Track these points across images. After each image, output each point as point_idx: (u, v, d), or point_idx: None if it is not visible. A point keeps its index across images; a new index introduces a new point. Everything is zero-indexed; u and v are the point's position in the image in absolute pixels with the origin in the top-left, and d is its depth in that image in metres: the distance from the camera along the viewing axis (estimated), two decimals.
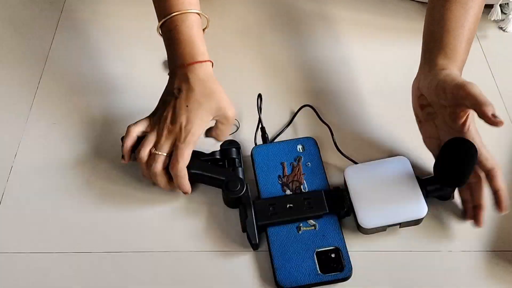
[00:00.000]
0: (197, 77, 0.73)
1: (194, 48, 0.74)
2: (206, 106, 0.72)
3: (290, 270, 0.68)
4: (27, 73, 0.90)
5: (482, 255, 0.71)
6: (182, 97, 0.72)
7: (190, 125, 0.72)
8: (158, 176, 0.73)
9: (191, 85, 0.72)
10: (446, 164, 0.70)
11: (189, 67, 0.73)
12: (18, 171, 0.79)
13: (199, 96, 0.72)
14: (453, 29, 0.73)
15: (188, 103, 0.72)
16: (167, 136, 0.72)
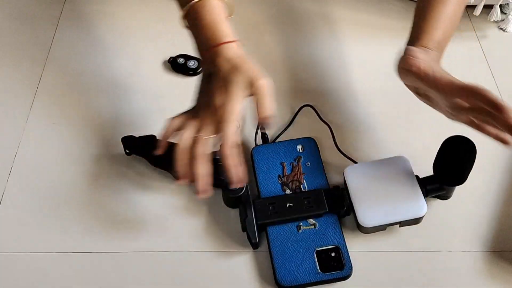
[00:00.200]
0: (223, 58, 0.71)
1: (216, 30, 0.73)
2: (236, 81, 0.69)
3: (290, 269, 0.68)
4: (27, 73, 0.91)
5: (482, 255, 0.71)
6: (212, 80, 0.71)
7: (226, 104, 0.69)
8: (203, 161, 0.67)
9: (218, 66, 0.70)
10: (445, 163, 0.70)
11: (214, 50, 0.72)
12: (18, 171, 0.79)
13: (226, 74, 0.70)
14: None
15: (219, 83, 0.70)
16: (208, 120, 0.69)
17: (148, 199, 0.76)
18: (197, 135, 0.68)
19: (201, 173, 0.67)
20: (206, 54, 0.72)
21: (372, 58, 0.94)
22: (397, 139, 0.83)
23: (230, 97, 0.68)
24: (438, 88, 0.69)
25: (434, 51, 0.74)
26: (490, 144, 0.82)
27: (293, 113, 0.85)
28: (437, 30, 0.75)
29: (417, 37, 0.76)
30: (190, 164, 0.68)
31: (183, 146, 0.68)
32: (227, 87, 0.69)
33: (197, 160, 0.67)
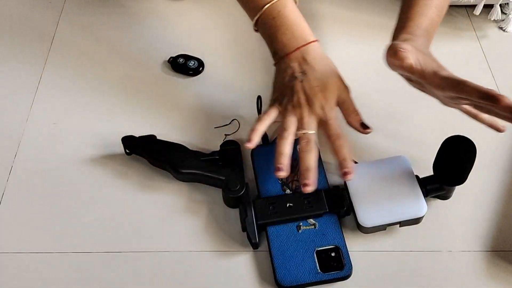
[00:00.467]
0: (313, 57, 0.74)
1: (303, 30, 0.76)
2: (331, 84, 0.74)
3: (290, 269, 0.68)
4: (27, 73, 0.91)
5: (482, 255, 0.71)
6: (308, 79, 0.73)
7: (328, 103, 0.73)
8: (311, 154, 0.70)
9: (312, 66, 0.73)
10: (445, 163, 0.70)
11: (303, 49, 0.74)
12: (18, 171, 0.79)
13: (321, 76, 0.73)
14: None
15: (315, 83, 0.73)
16: (311, 117, 0.72)
17: (148, 199, 0.76)
18: (302, 132, 0.72)
19: (312, 165, 0.70)
20: (292, 54, 0.75)
21: (372, 57, 0.94)
22: (397, 139, 0.83)
23: (329, 98, 0.73)
24: (428, 83, 0.69)
25: (421, 38, 0.74)
26: (490, 144, 0.82)
27: None
28: (424, 17, 0.75)
29: (404, 25, 0.76)
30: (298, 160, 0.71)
31: (289, 138, 0.71)
32: (325, 88, 0.73)
33: (308, 153, 0.70)
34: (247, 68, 0.93)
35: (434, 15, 0.77)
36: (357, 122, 0.75)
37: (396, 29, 0.78)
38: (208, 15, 1.00)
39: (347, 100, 0.75)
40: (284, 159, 0.70)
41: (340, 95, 0.74)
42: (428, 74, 0.68)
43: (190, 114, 0.85)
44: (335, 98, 0.74)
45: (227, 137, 0.82)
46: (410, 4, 0.77)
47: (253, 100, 0.85)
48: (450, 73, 0.68)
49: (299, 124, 0.72)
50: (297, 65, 0.74)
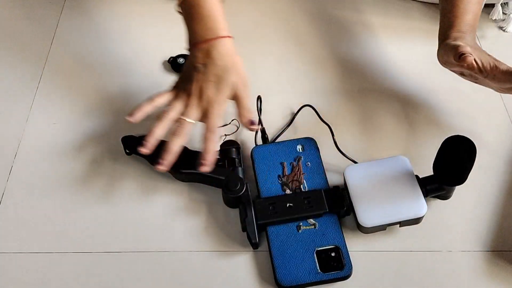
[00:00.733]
0: (220, 53, 0.75)
1: (216, 23, 0.76)
2: (228, 80, 0.75)
3: (290, 269, 0.68)
4: (27, 73, 0.91)
5: (482, 255, 0.71)
6: (206, 71, 0.75)
7: (218, 98, 0.74)
8: (178, 139, 0.73)
9: (214, 60, 0.75)
10: (445, 163, 0.70)
11: (212, 42, 0.75)
12: (18, 171, 0.79)
13: (220, 71, 0.75)
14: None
15: (211, 77, 0.75)
16: (196, 108, 0.75)
17: (148, 199, 0.76)
18: (182, 118, 0.74)
19: (175, 149, 0.73)
20: (201, 45, 0.76)
21: (372, 57, 0.94)
22: (397, 139, 0.83)
23: (220, 93, 0.75)
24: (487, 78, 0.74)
25: (470, 34, 0.78)
26: (490, 144, 0.82)
27: (293, 113, 0.85)
28: (468, 13, 0.79)
29: (451, 24, 0.79)
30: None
31: (166, 122, 0.74)
32: (219, 83, 0.75)
33: (176, 137, 0.73)
34: (247, 68, 0.92)
35: (477, 10, 0.80)
36: (246, 119, 0.76)
37: (443, 28, 0.80)
38: None
39: (241, 98, 0.76)
40: (152, 138, 0.73)
41: (235, 93, 0.76)
42: (487, 70, 0.73)
43: None
44: (228, 94, 0.75)
45: (227, 137, 0.82)
46: (454, 2, 0.80)
47: (253, 100, 0.85)
48: (508, 67, 0.73)
49: (183, 111, 0.75)
50: (201, 57, 0.76)
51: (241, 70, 0.77)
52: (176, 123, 0.74)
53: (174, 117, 0.74)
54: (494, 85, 0.75)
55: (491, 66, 0.73)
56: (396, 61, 0.93)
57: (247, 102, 0.76)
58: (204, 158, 0.72)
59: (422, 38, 0.96)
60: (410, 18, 1.00)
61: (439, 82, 0.90)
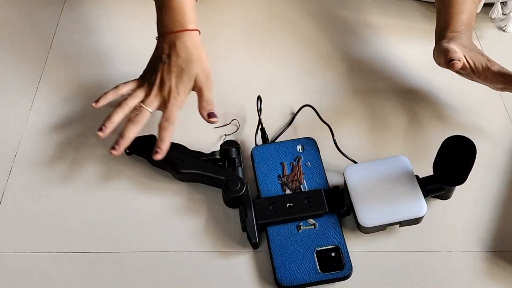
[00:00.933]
0: (184, 45, 0.77)
1: (184, 16, 0.78)
2: (190, 72, 0.76)
3: (290, 269, 0.68)
4: (27, 73, 0.91)
5: (482, 255, 0.71)
6: (169, 63, 0.77)
7: (176, 89, 0.76)
8: (134, 126, 0.75)
9: (178, 51, 0.77)
10: (445, 163, 0.70)
11: (178, 34, 0.77)
12: (18, 171, 0.79)
13: (183, 63, 0.76)
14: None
15: (174, 69, 0.76)
16: (155, 97, 0.77)
17: (148, 199, 0.76)
18: (141, 105, 0.76)
19: (129, 135, 0.75)
20: (167, 36, 0.78)
21: (372, 57, 0.94)
22: (397, 139, 0.83)
23: (180, 84, 0.76)
24: (480, 78, 0.76)
25: (465, 33, 0.79)
26: (490, 144, 0.82)
27: (293, 113, 0.85)
28: (463, 13, 0.80)
29: (446, 24, 0.80)
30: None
31: (125, 108, 0.76)
32: (181, 75, 0.76)
33: (132, 124, 0.75)
34: (247, 68, 0.93)
35: (473, 9, 0.81)
36: (205, 111, 0.77)
37: (439, 28, 0.81)
38: (208, 15, 1.00)
39: (203, 89, 0.77)
40: (109, 123, 0.75)
41: (197, 84, 0.77)
42: (479, 71, 0.75)
43: (190, 114, 0.85)
44: (189, 86, 0.77)
45: (227, 137, 0.82)
46: (449, 2, 0.81)
47: (253, 100, 0.85)
48: (500, 67, 0.75)
49: (143, 100, 0.77)
50: (167, 48, 0.77)
51: (205, 63, 0.78)
52: (135, 110, 0.76)
53: (134, 104, 0.77)
54: (487, 84, 0.77)
55: (483, 67, 0.75)
56: (396, 61, 0.93)
57: (208, 95, 0.78)
58: (159, 146, 0.74)
59: (422, 38, 0.96)
60: (410, 18, 1.00)
61: (439, 82, 0.90)
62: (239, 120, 0.84)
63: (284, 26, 0.99)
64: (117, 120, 0.76)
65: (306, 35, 0.98)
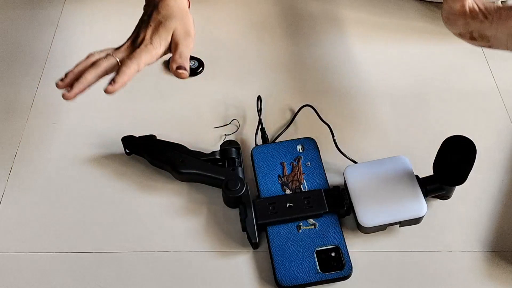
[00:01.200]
0: (167, 4, 0.73)
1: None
2: (166, 25, 0.72)
3: (290, 269, 0.68)
4: (27, 73, 0.91)
5: (482, 255, 0.71)
6: (148, 20, 0.73)
7: (150, 39, 0.71)
8: (94, 69, 0.69)
9: (158, 9, 0.73)
10: (445, 163, 0.70)
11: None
12: (18, 171, 0.79)
13: (162, 18, 0.72)
14: None
15: (152, 23, 0.72)
16: (126, 48, 0.72)
17: (148, 199, 0.76)
18: (109, 54, 0.70)
19: (88, 80, 0.68)
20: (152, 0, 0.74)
21: (372, 58, 0.94)
22: (397, 139, 0.83)
23: (156, 35, 0.71)
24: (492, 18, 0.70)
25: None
26: (490, 144, 0.82)
27: (293, 113, 0.85)
28: None
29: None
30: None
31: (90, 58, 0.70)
32: (158, 27, 0.72)
33: (93, 68, 0.69)
34: (247, 68, 0.93)
35: None
36: (176, 64, 0.71)
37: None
38: (208, 15, 1.00)
39: (180, 44, 0.72)
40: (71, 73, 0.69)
41: (173, 39, 0.72)
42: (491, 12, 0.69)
43: (190, 114, 0.85)
44: (165, 38, 0.72)
45: (227, 137, 0.82)
46: None
47: (253, 100, 0.85)
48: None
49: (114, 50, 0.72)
50: (150, 10, 0.74)
51: (187, 22, 0.74)
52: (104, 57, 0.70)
53: (101, 56, 0.71)
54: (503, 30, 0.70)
55: (494, 7, 0.69)
56: (396, 61, 0.93)
57: (184, 49, 0.72)
58: (114, 79, 0.68)
59: (422, 38, 0.96)
60: (410, 18, 1.00)
61: (439, 82, 0.90)
62: (239, 120, 0.84)
63: (284, 26, 0.99)
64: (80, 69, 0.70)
65: (307, 35, 0.98)
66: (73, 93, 0.67)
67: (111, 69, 0.70)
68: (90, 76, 0.68)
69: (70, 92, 0.67)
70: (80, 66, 0.70)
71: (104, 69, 0.69)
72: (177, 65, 0.70)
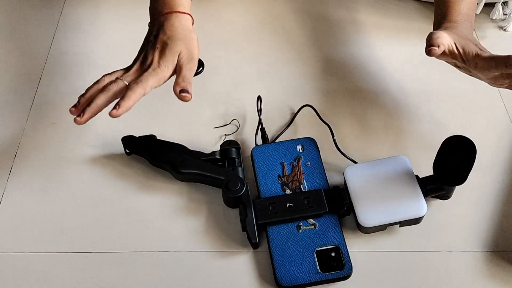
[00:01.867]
0: (172, 24, 0.75)
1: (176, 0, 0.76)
2: (172, 47, 0.73)
3: (290, 268, 0.68)
4: (27, 73, 0.91)
5: (482, 255, 0.71)
6: (155, 41, 0.74)
7: (157, 62, 0.73)
8: (104, 94, 0.71)
9: (164, 29, 0.74)
10: (445, 163, 0.70)
11: (167, 15, 0.75)
12: (18, 171, 0.79)
13: (168, 39, 0.74)
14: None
15: (158, 45, 0.74)
16: (135, 71, 0.73)
17: (148, 199, 0.76)
18: (118, 78, 0.72)
19: (98, 105, 0.70)
20: (158, 18, 0.76)
21: (372, 58, 0.94)
22: (397, 139, 0.83)
23: (163, 58, 0.73)
24: (472, 67, 0.72)
25: (464, 23, 0.76)
26: (490, 144, 0.82)
27: (293, 113, 0.85)
28: (463, 2, 0.77)
29: (444, 14, 0.78)
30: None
31: (101, 83, 0.72)
32: (164, 50, 0.73)
33: (103, 93, 0.71)
34: (247, 68, 0.93)
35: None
36: (179, 87, 0.72)
37: (437, 18, 0.79)
38: (208, 15, 1.00)
39: (184, 68, 0.73)
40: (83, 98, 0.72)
41: (178, 62, 0.74)
42: (469, 58, 0.71)
43: (190, 114, 0.85)
44: (171, 61, 0.73)
45: (227, 137, 0.82)
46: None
47: (253, 100, 0.85)
48: (491, 53, 0.71)
49: (123, 73, 0.73)
50: (155, 29, 0.75)
51: (192, 45, 0.75)
52: (111, 82, 0.72)
53: (111, 79, 0.73)
54: (480, 75, 0.73)
55: (473, 55, 0.71)
56: (397, 61, 0.93)
57: (187, 73, 0.73)
58: (118, 103, 0.69)
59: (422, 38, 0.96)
60: (410, 18, 1.00)
61: (439, 82, 0.90)
62: (239, 120, 0.84)
63: (284, 26, 0.99)
64: (91, 94, 0.72)
65: (307, 35, 0.98)
66: (84, 118, 0.70)
67: (120, 93, 0.71)
68: (100, 101, 0.70)
69: (82, 118, 0.69)
70: (92, 91, 0.72)
71: (114, 93, 0.71)
72: (180, 88, 0.71)
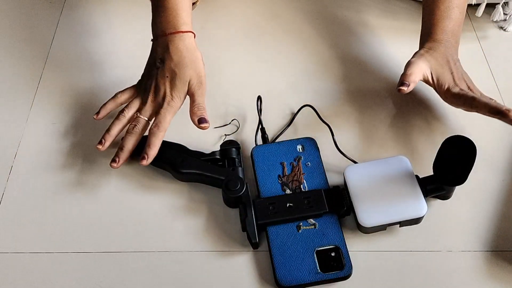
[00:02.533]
0: (177, 47, 0.76)
1: (177, 17, 0.77)
2: (182, 76, 0.76)
3: (290, 268, 0.68)
4: (27, 73, 0.91)
5: (482, 255, 0.71)
6: (163, 67, 0.76)
7: (171, 94, 0.76)
8: (132, 137, 0.75)
9: (171, 55, 0.76)
10: (445, 163, 0.70)
11: (170, 36, 0.76)
12: (18, 171, 0.79)
13: (176, 67, 0.76)
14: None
15: (167, 73, 0.76)
16: (151, 104, 0.76)
17: (148, 199, 0.76)
18: (138, 115, 0.76)
19: (128, 147, 0.75)
20: (161, 38, 0.77)
21: (372, 58, 0.94)
22: (397, 139, 0.83)
23: (174, 89, 0.76)
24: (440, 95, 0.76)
25: (448, 41, 0.77)
26: (490, 144, 0.82)
27: (293, 113, 0.85)
28: (448, 19, 0.78)
29: (429, 31, 0.79)
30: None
31: (122, 120, 0.77)
32: (174, 79, 0.75)
33: (130, 135, 0.75)
34: (247, 68, 0.93)
35: (457, 15, 0.79)
36: (196, 117, 0.76)
37: (422, 35, 0.80)
38: (208, 15, 1.00)
39: (195, 95, 0.77)
40: (108, 136, 0.76)
41: (189, 89, 0.77)
42: (441, 90, 0.75)
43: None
44: (183, 90, 0.76)
45: (227, 137, 0.82)
46: (432, 9, 0.79)
47: (253, 100, 0.85)
48: (460, 90, 0.73)
49: (139, 108, 0.77)
50: (160, 51, 0.77)
51: (199, 67, 0.77)
52: (133, 121, 0.76)
53: (131, 114, 0.77)
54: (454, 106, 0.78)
55: (444, 88, 0.75)
56: (397, 61, 0.93)
57: (200, 100, 0.77)
58: (146, 152, 0.74)
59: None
60: (410, 19, 1.00)
61: None
62: (239, 120, 0.84)
63: (284, 26, 0.99)
64: (116, 132, 0.77)
65: (307, 35, 0.98)
66: (119, 164, 0.75)
67: (144, 130, 0.77)
68: (130, 145, 0.76)
69: (118, 164, 0.75)
70: (115, 129, 0.77)
71: (140, 134, 0.76)
72: (197, 118, 0.75)
